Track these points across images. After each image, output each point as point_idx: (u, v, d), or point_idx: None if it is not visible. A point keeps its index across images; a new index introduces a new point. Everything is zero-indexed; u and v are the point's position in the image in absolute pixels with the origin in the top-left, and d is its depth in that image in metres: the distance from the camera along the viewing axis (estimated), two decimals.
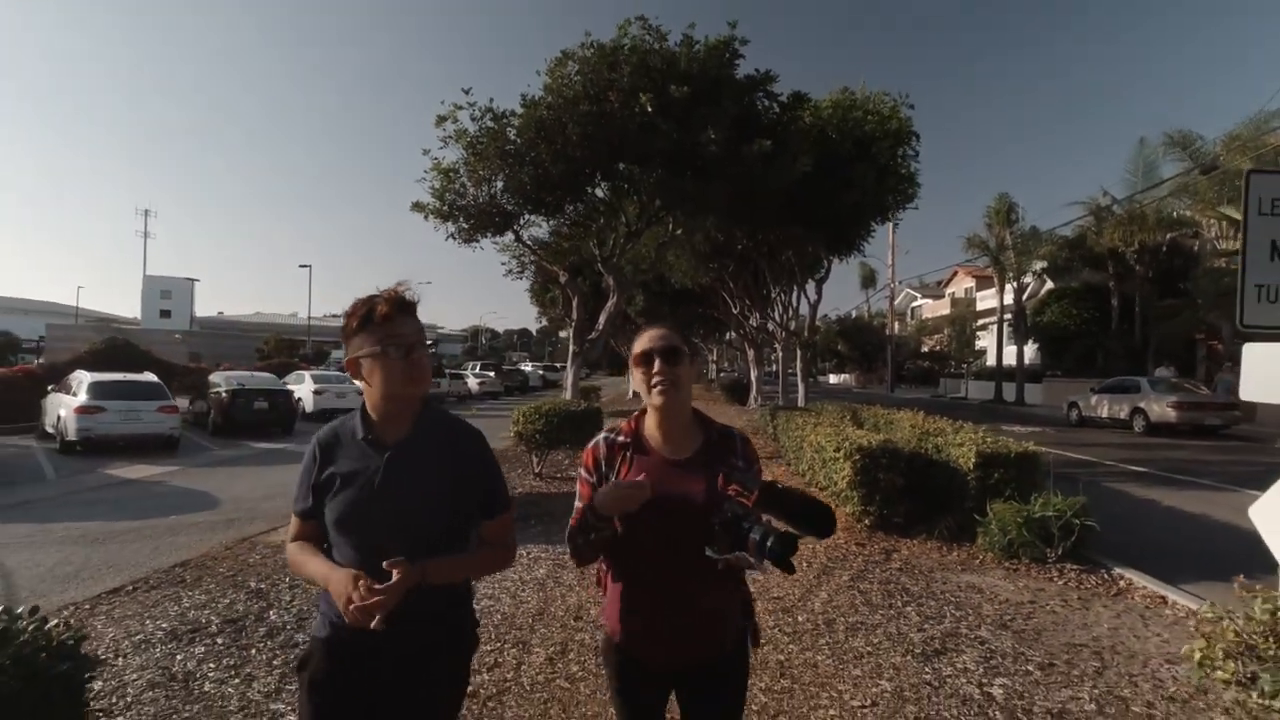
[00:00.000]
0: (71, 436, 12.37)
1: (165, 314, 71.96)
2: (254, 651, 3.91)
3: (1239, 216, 13.31)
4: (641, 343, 1.75)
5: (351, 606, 1.41)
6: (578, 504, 1.75)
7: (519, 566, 5.50)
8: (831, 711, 3.26)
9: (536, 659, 3.80)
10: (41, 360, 29.95)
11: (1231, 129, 18.41)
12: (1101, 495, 9.16)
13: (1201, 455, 13.66)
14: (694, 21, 11.56)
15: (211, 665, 3.71)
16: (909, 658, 3.89)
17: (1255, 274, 3.37)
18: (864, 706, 3.31)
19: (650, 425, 1.76)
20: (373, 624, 1.39)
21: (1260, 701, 2.06)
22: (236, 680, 3.54)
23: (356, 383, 1.65)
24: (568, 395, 13.00)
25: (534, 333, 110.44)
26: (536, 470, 9.95)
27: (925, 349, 52.02)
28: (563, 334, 69.67)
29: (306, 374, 21.68)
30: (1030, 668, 3.82)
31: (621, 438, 1.76)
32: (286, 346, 46.21)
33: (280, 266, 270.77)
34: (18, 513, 7.96)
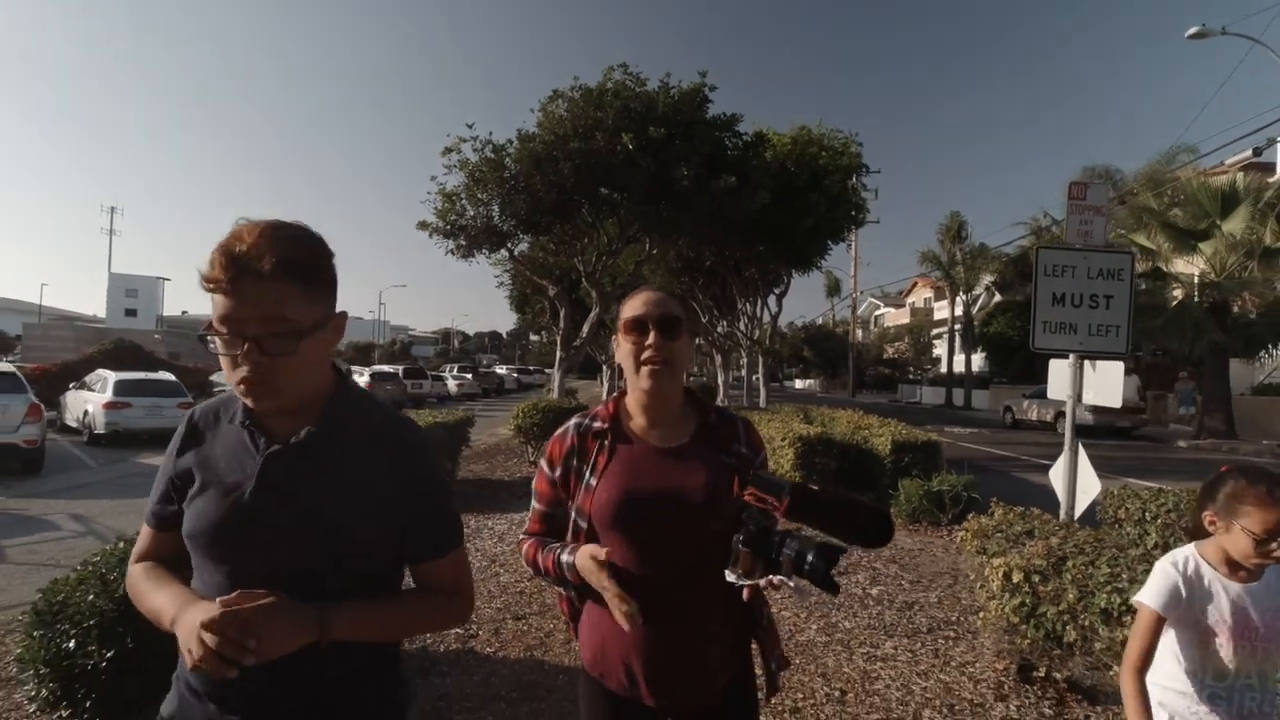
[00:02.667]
0: (100, 430, 13.56)
1: (131, 313, 71.44)
2: None
3: (1150, 244, 15.72)
4: (634, 306, 1.44)
5: (197, 646, 0.95)
6: (535, 506, 1.53)
7: (521, 524, 7.05)
8: None
9: None
10: (17, 357, 30.53)
11: (1146, 165, 20.67)
12: (1007, 482, 11.04)
13: (1106, 453, 15.67)
14: (669, 71, 13.30)
15: None
16: None
17: (1042, 314, 5.11)
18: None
19: (633, 407, 1.49)
20: (230, 671, 0.95)
21: (984, 558, 3.75)
22: None
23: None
24: (555, 395, 14.58)
25: (504, 335, 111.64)
26: (531, 459, 11.53)
27: (886, 356, 54.50)
28: (534, 337, 71.26)
29: None
30: (903, 582, 5.52)
31: (597, 423, 1.48)
32: None
33: None
34: (83, 492, 9.28)
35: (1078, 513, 5.15)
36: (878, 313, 63.99)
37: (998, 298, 37.26)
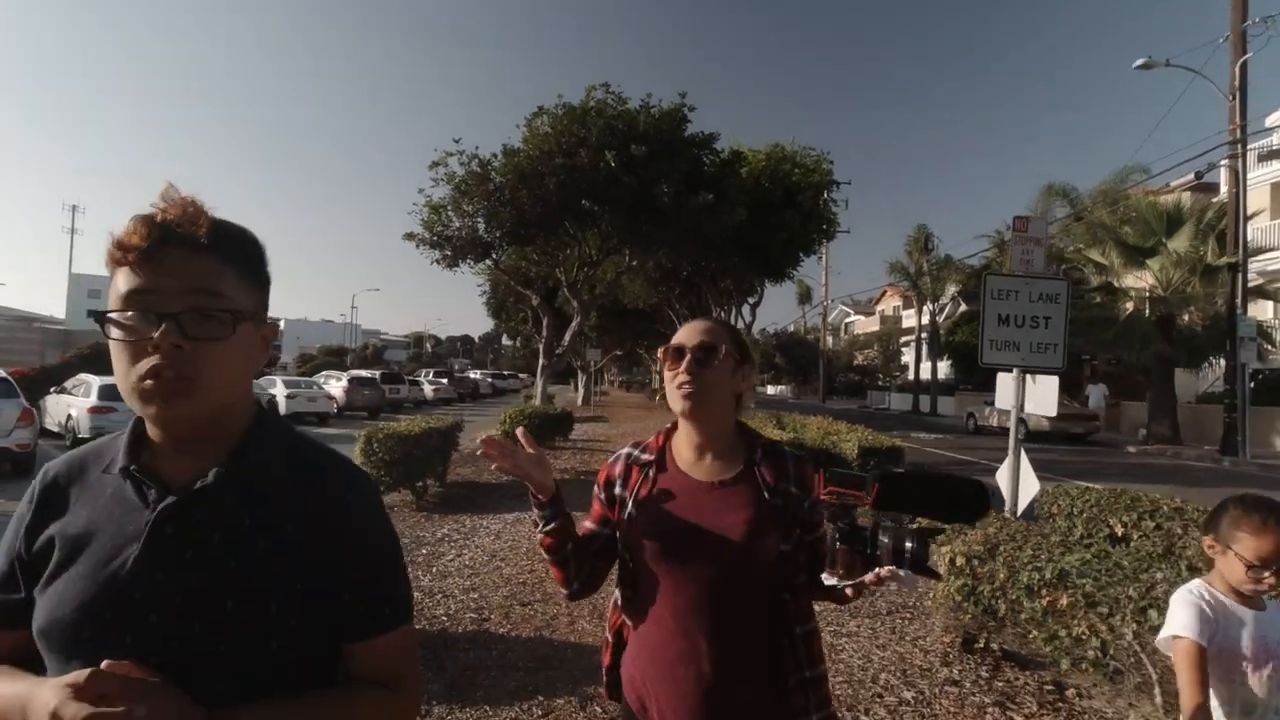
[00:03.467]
0: (84, 434, 13.63)
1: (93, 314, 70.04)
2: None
3: (1103, 260, 16.84)
4: (678, 335, 1.44)
5: None
6: (587, 524, 1.50)
7: (528, 524, 7.52)
8: None
9: None
10: None
11: (1101, 183, 21.79)
12: None
13: (1061, 457, 16.55)
14: (650, 91, 13.87)
15: None
16: None
17: (989, 332, 5.74)
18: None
19: (680, 440, 1.47)
20: None
21: (934, 546, 4.34)
22: None
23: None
24: (538, 401, 15.04)
25: (476, 340, 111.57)
26: None
27: (856, 363, 55.65)
28: (508, 341, 71.36)
29: (278, 378, 22.96)
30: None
31: (645, 454, 1.47)
32: None
33: None
34: None
35: (1020, 509, 5.79)
36: (848, 320, 65.28)
37: (963, 307, 38.45)
